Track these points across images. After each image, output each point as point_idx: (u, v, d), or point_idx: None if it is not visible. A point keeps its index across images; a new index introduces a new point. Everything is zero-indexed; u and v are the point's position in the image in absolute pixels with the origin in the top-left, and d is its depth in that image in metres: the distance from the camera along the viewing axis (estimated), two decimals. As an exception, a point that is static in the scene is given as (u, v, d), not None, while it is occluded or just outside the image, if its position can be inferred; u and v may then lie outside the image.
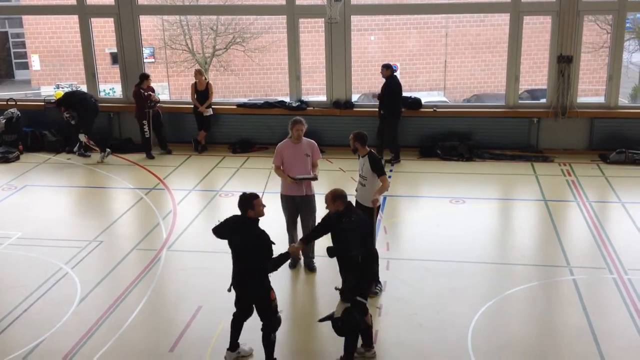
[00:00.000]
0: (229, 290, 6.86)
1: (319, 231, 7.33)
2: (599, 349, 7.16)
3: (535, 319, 7.98)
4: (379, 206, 8.56)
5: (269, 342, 6.76)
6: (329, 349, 7.17)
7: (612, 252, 9.50)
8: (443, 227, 10.54)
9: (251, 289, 6.73)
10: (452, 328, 7.61)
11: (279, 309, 6.80)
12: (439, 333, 7.53)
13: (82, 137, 14.44)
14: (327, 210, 7.06)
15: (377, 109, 13.89)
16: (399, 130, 13.86)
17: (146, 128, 14.35)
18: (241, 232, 6.69)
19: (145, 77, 14.35)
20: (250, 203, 6.66)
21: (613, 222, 10.83)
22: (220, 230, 6.89)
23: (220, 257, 8.95)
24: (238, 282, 6.77)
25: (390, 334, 7.65)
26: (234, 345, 7.01)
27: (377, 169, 8.34)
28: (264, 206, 6.78)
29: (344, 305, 6.58)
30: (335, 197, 6.80)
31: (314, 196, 8.87)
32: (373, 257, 7.05)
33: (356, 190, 8.75)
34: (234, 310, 6.96)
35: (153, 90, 14.54)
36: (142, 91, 14.23)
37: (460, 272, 8.95)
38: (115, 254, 9.75)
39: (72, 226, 10.92)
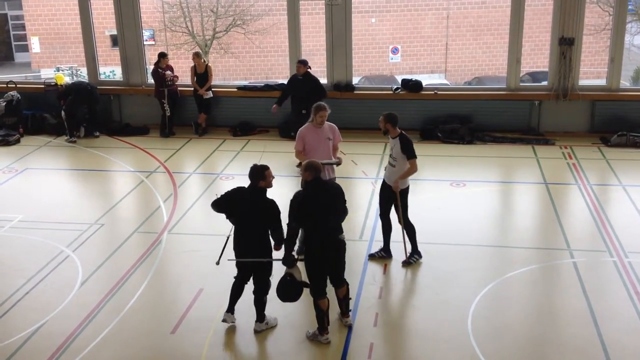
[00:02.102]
0: (217, 263, 7.21)
1: None
2: (598, 332, 7.18)
3: (535, 302, 8.00)
4: (407, 188, 8.61)
5: (261, 304, 7.20)
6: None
7: (613, 234, 9.51)
8: (443, 210, 10.54)
9: (259, 254, 7.02)
10: (452, 311, 7.63)
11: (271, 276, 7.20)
12: (439, 315, 7.56)
13: (62, 114, 14.45)
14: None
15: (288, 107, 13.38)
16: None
17: (166, 106, 14.46)
18: (253, 199, 6.99)
19: (161, 56, 14.50)
20: (262, 173, 6.97)
21: (614, 205, 10.84)
22: (222, 203, 7.13)
23: (222, 239, 8.96)
24: (243, 253, 7.06)
25: (390, 317, 7.69)
26: (232, 307, 7.32)
27: (408, 151, 8.37)
28: (274, 178, 7.08)
29: (287, 272, 7.05)
30: (307, 167, 7.03)
31: (334, 180, 8.86)
32: (326, 238, 7.02)
33: (385, 169, 8.80)
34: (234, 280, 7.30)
35: (172, 69, 14.65)
36: (160, 70, 14.32)
37: (461, 255, 8.97)
38: (117, 236, 9.77)
39: (73, 209, 10.93)
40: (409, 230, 8.74)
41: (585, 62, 17.88)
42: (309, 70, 13.13)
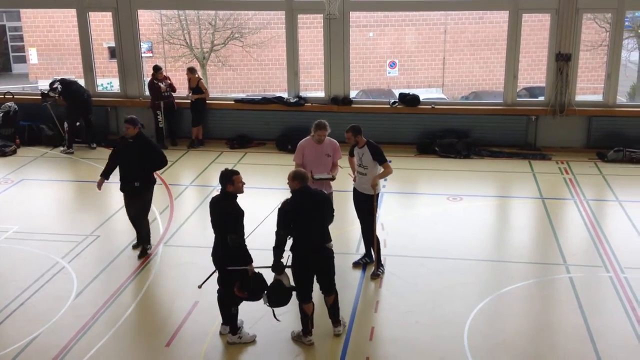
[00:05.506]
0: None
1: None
2: (594, 347, 7.17)
3: (532, 317, 7.98)
4: (377, 195, 8.65)
5: (229, 314, 7.20)
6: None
7: (609, 250, 9.51)
8: (440, 224, 10.54)
9: (218, 260, 7.10)
10: (448, 325, 7.61)
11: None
12: (435, 330, 7.54)
13: (65, 126, 14.47)
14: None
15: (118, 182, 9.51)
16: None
17: (160, 118, 14.51)
18: (217, 204, 7.06)
19: (156, 69, 14.53)
20: (229, 178, 6.99)
21: (610, 220, 10.84)
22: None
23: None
24: (213, 256, 7.16)
25: (386, 331, 7.66)
26: (226, 319, 7.37)
27: (379, 157, 8.48)
28: (244, 184, 7.08)
29: (275, 278, 7.08)
30: (295, 177, 7.09)
31: (331, 194, 8.86)
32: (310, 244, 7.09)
33: (354, 180, 8.86)
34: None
35: (171, 84, 14.73)
36: (156, 82, 14.35)
37: (457, 270, 8.95)
38: (112, 248, 9.73)
39: (69, 220, 10.90)
40: (377, 240, 8.80)
41: (582, 77, 17.89)
42: (140, 130, 9.33)
